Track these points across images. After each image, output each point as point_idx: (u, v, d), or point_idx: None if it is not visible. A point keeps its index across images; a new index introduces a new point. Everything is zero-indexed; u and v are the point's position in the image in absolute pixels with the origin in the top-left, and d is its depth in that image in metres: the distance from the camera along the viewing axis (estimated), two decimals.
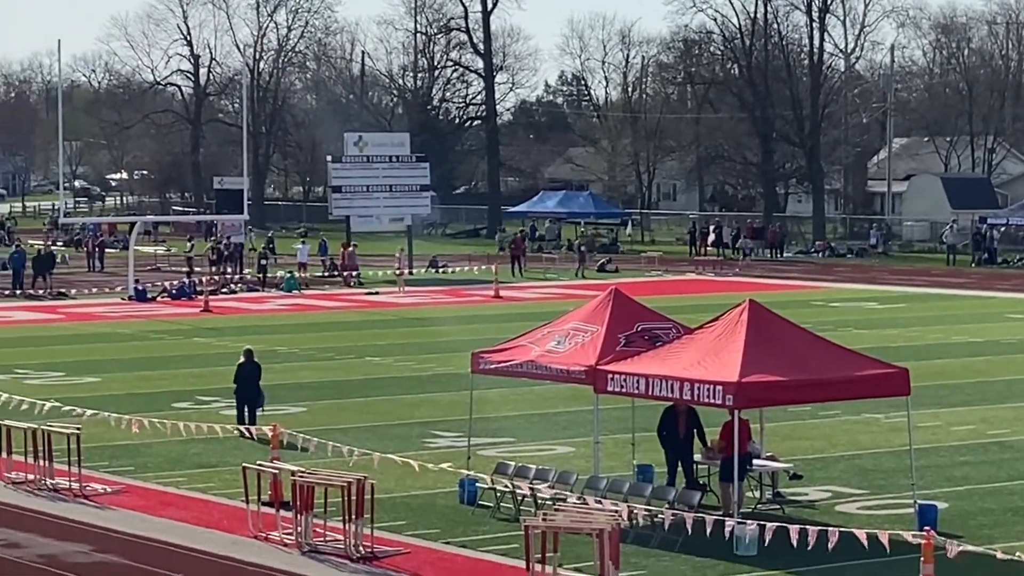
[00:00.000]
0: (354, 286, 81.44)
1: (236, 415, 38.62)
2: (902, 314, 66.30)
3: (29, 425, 33.62)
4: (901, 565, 24.68)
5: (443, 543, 28.33)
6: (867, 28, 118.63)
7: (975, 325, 61.61)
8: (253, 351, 40.52)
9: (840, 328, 55.24)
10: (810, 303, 67.81)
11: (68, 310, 70.72)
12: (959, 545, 24.26)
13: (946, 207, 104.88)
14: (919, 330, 59.49)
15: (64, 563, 27.22)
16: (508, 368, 32.32)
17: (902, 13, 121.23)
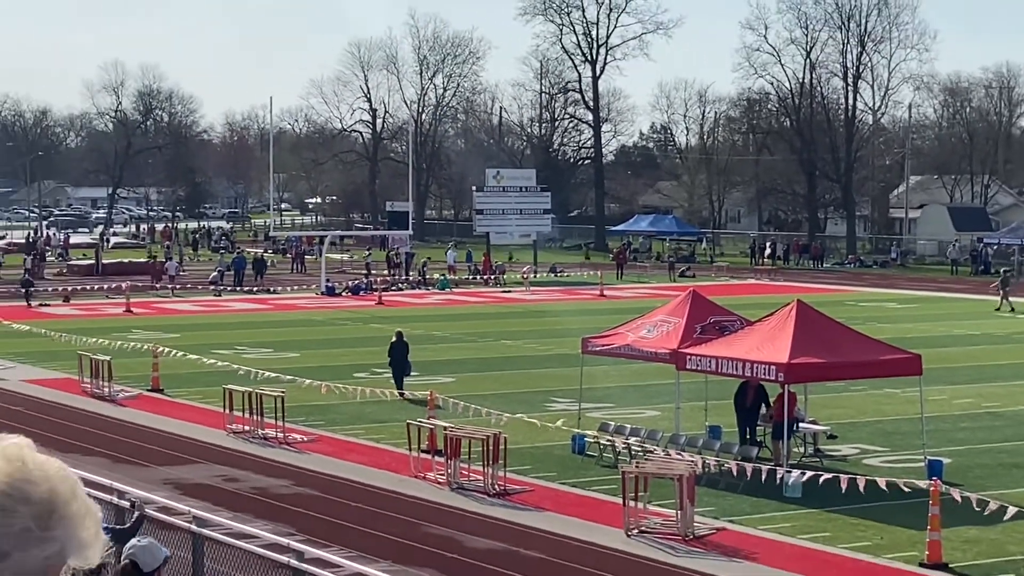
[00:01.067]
0: (493, 286, 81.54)
1: (394, 380, 38.97)
2: (916, 312, 65.54)
3: (246, 388, 33.93)
4: (914, 507, 24.42)
5: (559, 483, 28.34)
6: (890, 91, 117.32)
7: (973, 321, 60.81)
8: (403, 332, 40.85)
9: (867, 322, 54.67)
10: (844, 303, 67.18)
11: (275, 302, 71.25)
12: (960, 491, 24.06)
13: (951, 229, 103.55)
14: (929, 324, 58.77)
15: (271, 494, 27.44)
16: (610, 350, 32.35)
17: (917, 79, 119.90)
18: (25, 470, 2.56)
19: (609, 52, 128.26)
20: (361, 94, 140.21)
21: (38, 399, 38.94)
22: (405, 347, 39.63)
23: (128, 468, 29.06)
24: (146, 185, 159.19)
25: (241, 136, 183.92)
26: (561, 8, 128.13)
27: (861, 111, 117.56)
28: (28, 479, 2.55)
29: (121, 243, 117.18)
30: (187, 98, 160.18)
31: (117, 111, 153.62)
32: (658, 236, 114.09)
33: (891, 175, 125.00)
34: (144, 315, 62.65)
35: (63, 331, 50.88)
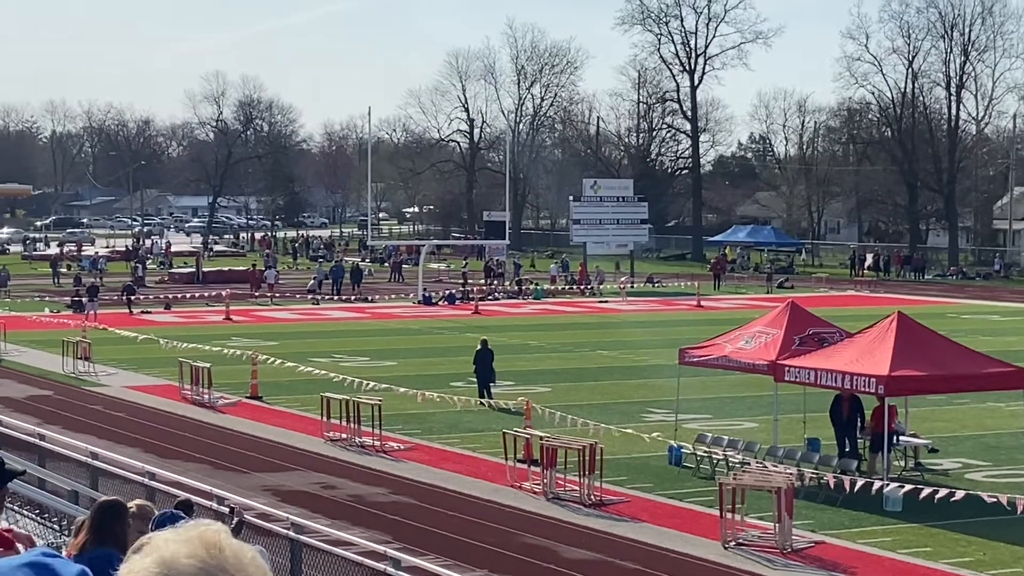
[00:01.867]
0: (589, 296, 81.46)
1: (477, 389, 39.08)
2: (1019, 325, 64.58)
3: (343, 396, 34.14)
4: (1018, 522, 24.09)
5: (655, 494, 28.25)
6: (994, 100, 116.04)
7: None
8: (488, 340, 40.98)
9: (969, 335, 53.96)
10: (946, 315, 66.40)
11: (373, 310, 71.62)
12: None
13: None
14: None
15: (368, 501, 27.57)
16: (707, 361, 32.20)
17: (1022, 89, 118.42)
18: (221, 557, 2.59)
19: (708, 62, 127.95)
20: (459, 104, 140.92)
21: (139, 405, 39.43)
22: (490, 355, 39.77)
23: (227, 474, 29.33)
24: (246, 194, 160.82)
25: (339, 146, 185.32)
26: (659, 18, 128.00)
27: (964, 121, 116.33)
28: (223, 567, 2.58)
29: (221, 251, 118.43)
30: (287, 108, 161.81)
31: (218, 121, 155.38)
32: (756, 247, 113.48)
33: (994, 186, 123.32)
34: (243, 323, 63.24)
35: (164, 338, 51.48)
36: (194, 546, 2.58)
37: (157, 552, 2.59)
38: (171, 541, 2.59)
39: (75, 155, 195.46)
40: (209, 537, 2.60)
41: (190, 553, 2.57)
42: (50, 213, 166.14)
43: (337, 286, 79.18)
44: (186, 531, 2.62)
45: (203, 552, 2.57)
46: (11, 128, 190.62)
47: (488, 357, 39.71)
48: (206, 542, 2.59)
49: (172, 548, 2.58)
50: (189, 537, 2.60)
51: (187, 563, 2.55)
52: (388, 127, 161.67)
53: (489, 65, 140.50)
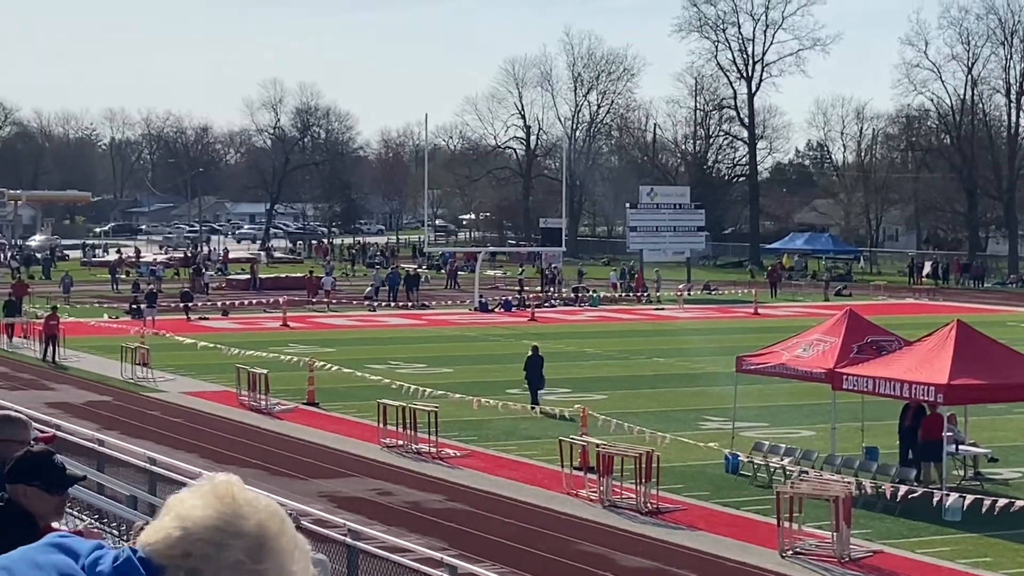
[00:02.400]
0: (645, 303, 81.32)
1: (530, 396, 39.19)
2: None
3: (400, 403, 34.23)
4: None
5: (712, 502, 28.18)
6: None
7: None
8: (538, 347, 41.03)
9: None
10: (1005, 323, 65.83)
11: (429, 317, 71.74)
12: None
13: None
14: None
15: (424, 508, 27.63)
16: (764, 368, 32.11)
17: None
18: (235, 505, 2.66)
19: (765, 68, 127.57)
20: (515, 111, 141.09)
21: (197, 411, 39.67)
22: (540, 361, 39.86)
23: (284, 480, 29.47)
24: (303, 201, 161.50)
25: (396, 152, 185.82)
26: (717, 25, 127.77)
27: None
28: (239, 514, 2.65)
29: (279, 258, 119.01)
30: (344, 115, 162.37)
31: (275, 128, 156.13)
32: (814, 254, 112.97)
33: None
34: (300, 329, 63.52)
35: (222, 344, 51.78)
36: (208, 499, 2.66)
37: (174, 510, 2.68)
38: (186, 498, 2.68)
39: (134, 162, 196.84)
40: (221, 488, 2.68)
41: (204, 504, 2.65)
42: (109, 220, 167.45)
43: (393, 293, 79.40)
44: (199, 487, 2.70)
45: (217, 503, 2.65)
46: (71, 135, 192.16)
47: (538, 363, 39.76)
48: (218, 493, 2.67)
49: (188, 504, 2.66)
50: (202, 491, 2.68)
51: (203, 515, 2.63)
52: (445, 134, 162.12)
53: (546, 72, 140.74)
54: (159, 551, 2.64)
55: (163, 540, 2.65)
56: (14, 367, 49.99)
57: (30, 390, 43.81)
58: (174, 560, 2.63)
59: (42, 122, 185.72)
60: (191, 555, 2.62)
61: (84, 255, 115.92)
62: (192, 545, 2.63)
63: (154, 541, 2.66)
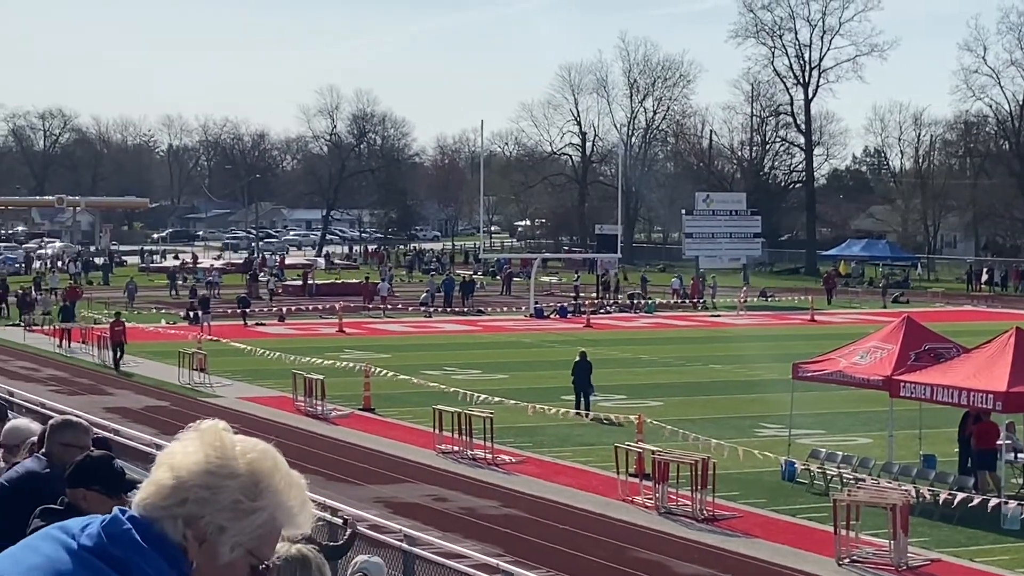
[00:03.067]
0: (701, 310, 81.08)
1: (574, 400, 39.17)
2: None
3: (455, 409, 34.26)
4: None
5: (768, 510, 28.06)
6: None
7: None
8: (586, 352, 41.04)
9: None
10: None
11: (484, 323, 71.79)
12: None
13: None
14: None
15: (480, 514, 27.66)
16: (821, 376, 31.98)
17: None
18: (224, 448, 2.76)
19: (822, 75, 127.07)
20: (571, 117, 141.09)
21: (253, 416, 39.82)
22: (588, 367, 39.92)
23: (341, 486, 29.55)
24: (359, 207, 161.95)
25: (452, 159, 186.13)
26: (773, 31, 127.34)
27: None
28: (229, 455, 2.75)
29: (337, 264, 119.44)
30: (399, 122, 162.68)
31: (332, 135, 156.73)
32: (871, 261, 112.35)
33: None
34: (356, 335, 63.70)
35: (278, 350, 52.01)
36: (196, 445, 2.76)
37: (165, 463, 2.76)
38: (176, 450, 2.77)
39: (191, 168, 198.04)
40: (209, 435, 2.78)
41: (194, 451, 2.74)
42: (166, 226, 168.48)
43: (449, 299, 79.50)
44: (187, 436, 2.80)
45: (207, 448, 2.74)
46: (129, 142, 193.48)
47: (586, 369, 39.83)
48: (207, 440, 2.76)
49: (178, 455, 2.75)
50: (191, 440, 2.78)
51: (194, 461, 2.72)
52: (500, 140, 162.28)
53: (602, 78, 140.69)
54: (153, 504, 2.72)
55: (156, 492, 2.72)
56: (73, 372, 50.39)
57: (88, 395, 44.16)
58: (170, 510, 2.70)
59: (101, 129, 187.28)
60: (187, 501, 2.69)
61: (142, 261, 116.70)
62: (188, 491, 2.70)
63: (148, 495, 2.73)
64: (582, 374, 39.80)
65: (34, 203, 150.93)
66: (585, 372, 39.81)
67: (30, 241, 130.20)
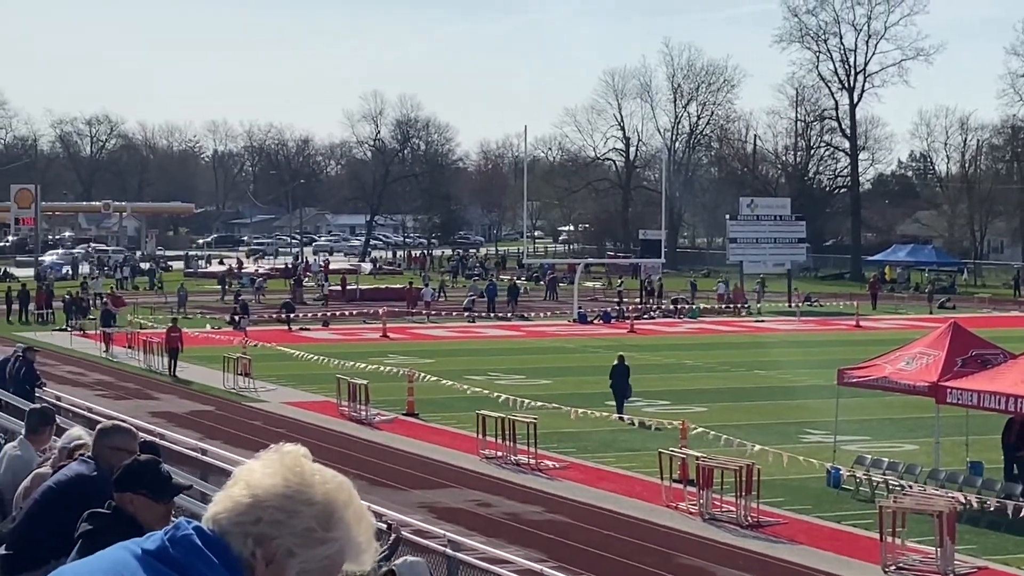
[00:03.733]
0: (745, 315, 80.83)
1: (615, 404, 39.19)
2: None
3: (499, 414, 34.27)
4: None
5: (814, 516, 27.95)
6: None
7: None
8: (624, 356, 41.06)
9: None
10: None
11: (528, 328, 71.78)
12: None
13: None
14: None
15: (523, 519, 27.65)
16: (866, 382, 31.85)
17: None
18: (304, 475, 2.77)
19: (867, 79, 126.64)
20: (615, 122, 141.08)
21: (297, 421, 39.96)
22: (626, 371, 40.07)
23: (384, 491, 29.58)
24: (403, 212, 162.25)
25: (495, 164, 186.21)
26: (818, 35, 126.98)
27: None
28: (308, 483, 2.76)
29: (380, 269, 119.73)
30: (443, 127, 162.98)
31: (376, 140, 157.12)
32: (917, 266, 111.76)
33: None
34: (400, 340, 63.80)
35: (322, 355, 52.14)
36: (276, 468, 2.76)
37: (243, 479, 2.77)
38: (255, 468, 2.78)
39: (236, 174, 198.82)
40: (289, 459, 2.78)
41: (273, 473, 2.75)
42: (212, 231, 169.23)
43: (492, 304, 79.53)
44: (268, 457, 2.80)
45: (287, 472, 2.75)
46: (175, 148, 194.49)
47: (624, 373, 39.94)
48: (286, 464, 2.76)
49: (257, 474, 2.76)
50: (271, 461, 2.78)
51: (272, 483, 2.73)
52: (544, 146, 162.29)
53: (645, 83, 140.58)
54: (227, 518, 2.74)
55: (232, 508, 2.74)
56: (119, 376, 50.67)
57: (134, 399, 44.39)
58: (243, 526, 2.72)
59: (147, 134, 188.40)
60: (261, 520, 2.71)
61: (187, 266, 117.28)
62: (263, 511, 2.71)
63: (223, 509, 2.75)
64: (620, 378, 39.85)
65: (81, 209, 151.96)
66: (623, 376, 39.85)
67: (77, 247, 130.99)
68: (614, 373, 40.10)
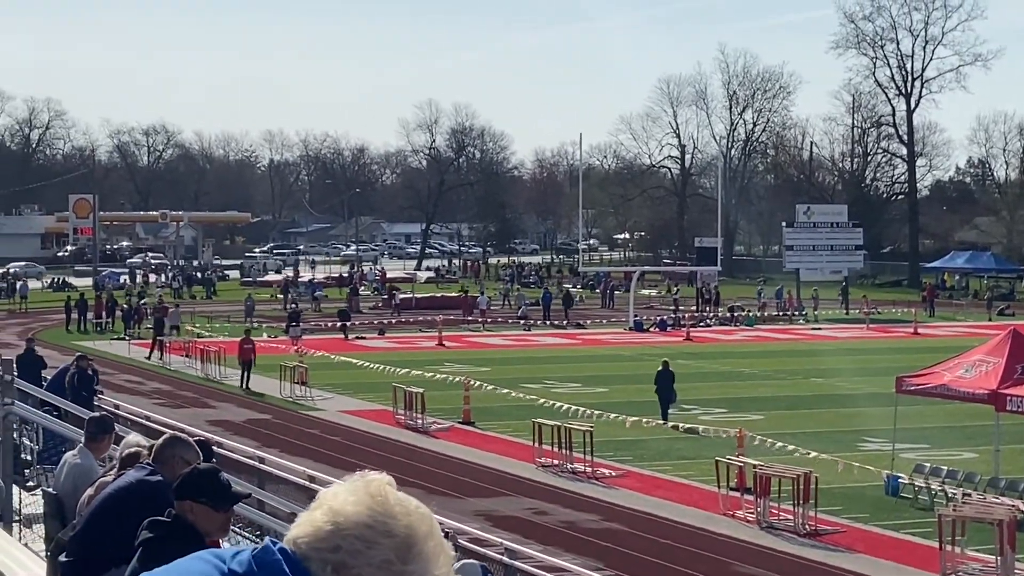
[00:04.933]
0: (801, 323, 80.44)
1: (660, 411, 39.12)
2: None
3: (555, 422, 34.26)
4: None
5: (872, 525, 27.79)
6: None
7: None
8: (669, 361, 41.00)
9: None
10: None
11: (584, 336, 71.73)
12: None
13: None
14: None
15: (580, 528, 27.63)
16: (925, 389, 31.62)
17: None
18: (387, 504, 2.74)
19: (924, 85, 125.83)
20: (670, 130, 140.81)
21: (354, 429, 40.09)
22: (671, 376, 40.03)
23: (441, 499, 29.60)
24: (458, 221, 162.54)
25: (551, 172, 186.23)
26: (875, 41, 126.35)
27: None
28: (390, 513, 2.73)
29: (432, 278, 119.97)
30: (498, 135, 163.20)
31: (431, 149, 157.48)
32: (975, 273, 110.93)
33: None
34: (455, 348, 63.88)
35: (378, 363, 52.24)
36: (361, 496, 2.74)
37: (326, 504, 2.75)
38: (339, 493, 2.76)
39: (292, 183, 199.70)
40: (374, 487, 2.75)
41: (357, 501, 2.73)
42: (268, 240, 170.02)
43: (547, 312, 79.50)
44: (352, 482, 2.78)
45: (370, 500, 2.72)
46: (231, 157, 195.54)
47: (669, 378, 39.96)
48: (371, 491, 2.74)
49: (340, 499, 2.74)
50: (356, 488, 2.76)
51: (355, 511, 2.71)
52: (599, 153, 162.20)
53: (701, 91, 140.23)
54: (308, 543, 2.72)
55: (313, 533, 2.72)
56: (177, 385, 50.97)
57: (192, 408, 44.65)
58: (322, 553, 2.70)
59: (203, 144, 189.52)
60: (341, 549, 2.69)
61: (243, 275, 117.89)
62: (343, 540, 2.69)
63: (304, 533, 2.73)
64: (665, 383, 39.90)
65: (138, 218, 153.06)
66: (668, 381, 39.91)
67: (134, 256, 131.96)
68: (659, 379, 40.12)
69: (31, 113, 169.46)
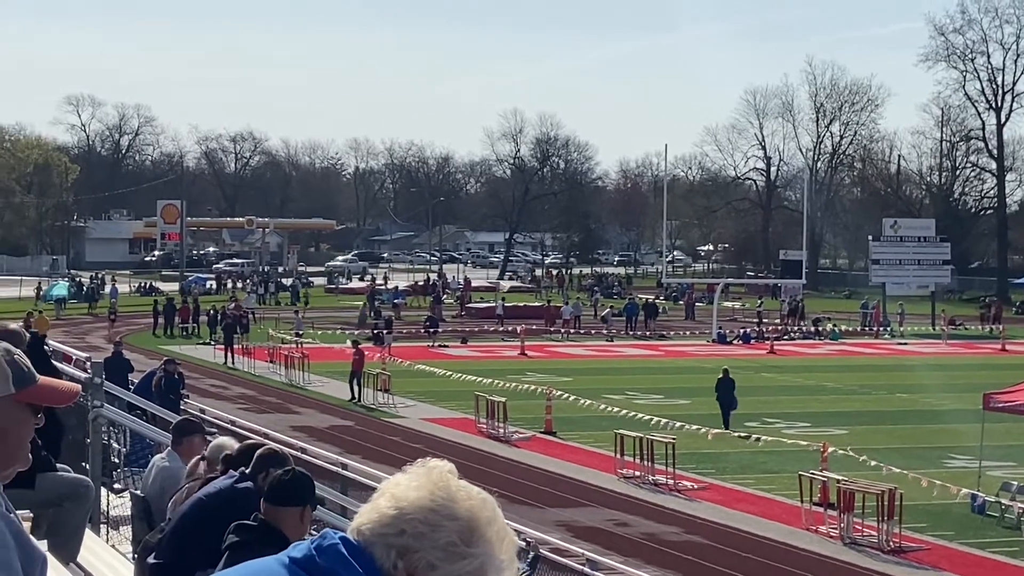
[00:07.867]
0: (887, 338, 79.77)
1: (721, 418, 39.53)
2: None
3: (637, 434, 34.21)
4: None
5: (957, 543, 27.51)
6: None
7: None
8: (728, 369, 41.04)
9: None
10: None
11: (666, 348, 71.50)
12: None
13: None
14: None
15: (661, 540, 27.56)
16: (1013, 407, 31.28)
17: None
18: (449, 490, 2.79)
19: (1015, 99, 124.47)
20: (756, 141, 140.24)
21: (436, 437, 40.20)
22: (731, 384, 40.17)
23: (522, 509, 29.64)
24: (541, 230, 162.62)
25: (635, 183, 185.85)
26: (965, 54, 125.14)
27: None
28: (453, 498, 2.78)
29: (516, 287, 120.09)
30: (583, 145, 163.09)
31: (515, 158, 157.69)
32: None
33: None
34: (538, 358, 63.89)
35: (460, 372, 52.34)
36: (422, 482, 2.79)
37: (388, 492, 2.80)
38: (401, 481, 2.81)
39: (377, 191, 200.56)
40: (435, 474, 2.80)
41: (419, 487, 2.78)
42: (352, 248, 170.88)
43: (631, 323, 79.35)
44: (415, 471, 2.82)
45: (432, 486, 2.77)
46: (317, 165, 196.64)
47: (729, 386, 40.10)
48: (432, 478, 2.79)
49: (403, 487, 2.79)
50: (417, 475, 2.80)
51: (417, 496, 2.76)
52: (684, 164, 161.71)
53: (787, 103, 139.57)
54: (372, 529, 2.76)
55: (377, 520, 2.77)
56: (261, 390, 51.35)
57: (276, 413, 44.95)
58: (387, 538, 2.74)
59: (289, 151, 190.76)
60: (405, 532, 2.74)
61: (328, 282, 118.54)
62: (407, 523, 2.74)
63: (367, 520, 2.78)
64: (725, 391, 40.13)
65: (225, 224, 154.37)
66: (728, 389, 40.16)
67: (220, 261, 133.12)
68: (719, 386, 40.42)
69: (121, 119, 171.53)
